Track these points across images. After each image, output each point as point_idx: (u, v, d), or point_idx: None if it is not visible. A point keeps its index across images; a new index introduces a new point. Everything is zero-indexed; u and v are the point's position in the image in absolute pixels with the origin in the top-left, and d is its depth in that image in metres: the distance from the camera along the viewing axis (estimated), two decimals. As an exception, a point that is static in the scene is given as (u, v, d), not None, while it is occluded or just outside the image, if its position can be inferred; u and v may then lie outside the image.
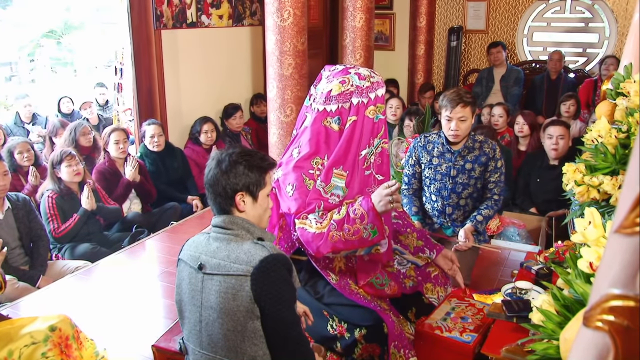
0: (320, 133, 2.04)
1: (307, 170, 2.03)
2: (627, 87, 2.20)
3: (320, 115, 2.04)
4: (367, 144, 2.04)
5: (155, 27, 4.75)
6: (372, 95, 2.03)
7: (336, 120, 2.03)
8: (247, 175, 1.65)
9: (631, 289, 0.59)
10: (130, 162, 4.16)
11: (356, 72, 2.06)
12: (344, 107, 2.02)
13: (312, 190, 2.02)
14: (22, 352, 1.77)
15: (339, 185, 2.02)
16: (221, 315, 1.59)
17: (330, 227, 1.94)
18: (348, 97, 2.01)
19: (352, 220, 1.93)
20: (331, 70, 2.12)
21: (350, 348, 2.00)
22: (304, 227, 1.99)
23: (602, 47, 6.63)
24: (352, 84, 2.02)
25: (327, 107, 2.03)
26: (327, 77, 2.09)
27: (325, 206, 2.01)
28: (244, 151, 1.71)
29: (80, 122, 4.53)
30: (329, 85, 2.05)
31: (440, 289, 2.37)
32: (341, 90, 2.02)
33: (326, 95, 2.03)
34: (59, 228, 3.54)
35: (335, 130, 2.04)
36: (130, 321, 2.60)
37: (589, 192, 1.98)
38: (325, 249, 1.95)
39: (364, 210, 1.93)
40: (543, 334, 1.34)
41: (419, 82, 6.88)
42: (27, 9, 8.17)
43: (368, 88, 2.03)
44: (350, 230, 1.93)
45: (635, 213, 0.58)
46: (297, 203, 2.02)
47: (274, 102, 4.11)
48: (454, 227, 3.08)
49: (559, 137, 3.88)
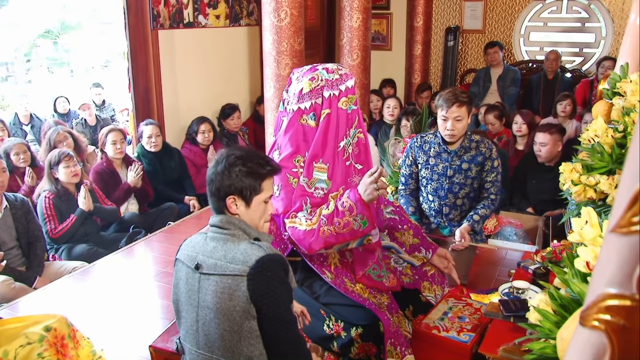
0: (298, 131, 2.06)
1: (291, 169, 2.05)
2: (623, 86, 2.21)
3: (296, 115, 2.06)
4: (344, 134, 2.07)
5: (152, 27, 4.74)
6: (343, 87, 2.05)
7: (312, 117, 2.05)
8: (241, 179, 1.63)
9: (627, 288, 0.59)
10: (135, 168, 4.15)
11: (324, 67, 2.09)
12: (317, 103, 2.04)
13: (297, 187, 2.04)
14: (18, 352, 1.76)
15: (322, 179, 2.04)
16: (218, 315, 1.58)
17: (320, 222, 1.96)
18: (320, 92, 2.04)
19: (341, 214, 1.95)
20: (299, 71, 2.15)
21: (346, 347, 2.01)
22: (294, 225, 2.01)
23: (599, 47, 6.64)
24: (321, 79, 2.05)
25: (301, 106, 2.05)
26: (297, 79, 2.12)
27: (311, 202, 2.03)
28: (246, 154, 1.68)
29: (54, 129, 4.39)
30: (299, 85, 2.07)
31: (437, 288, 2.38)
32: (312, 86, 2.04)
33: (298, 95, 2.06)
34: (55, 229, 3.53)
35: (312, 126, 2.06)
36: (128, 322, 2.60)
37: (585, 192, 1.99)
38: (318, 244, 1.96)
39: (352, 202, 1.95)
40: (540, 334, 1.35)
41: (416, 82, 6.89)
42: (23, 9, 8.15)
43: (337, 80, 2.05)
44: (341, 223, 1.95)
45: (632, 212, 0.58)
46: (284, 203, 2.04)
47: (271, 102, 4.11)
48: (450, 227, 3.09)
49: (540, 144, 3.93)
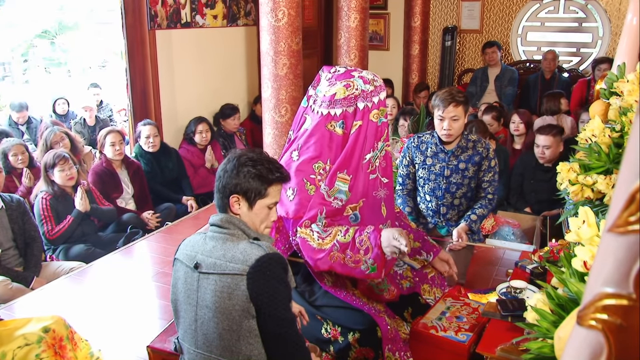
0: (324, 137, 2.03)
1: (309, 174, 2.02)
2: (620, 86, 2.22)
3: (324, 119, 2.03)
4: (372, 147, 2.03)
5: (149, 27, 4.74)
6: (376, 99, 2.02)
7: (340, 125, 2.02)
8: (248, 181, 1.64)
9: (624, 288, 0.59)
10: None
11: (360, 76, 2.05)
12: (348, 112, 2.01)
13: (315, 195, 2.01)
14: (16, 353, 1.76)
15: (342, 189, 2.01)
16: (216, 315, 1.59)
17: (333, 247, 1.94)
18: (353, 101, 2.01)
19: (356, 249, 1.93)
20: (332, 72, 2.10)
21: (344, 352, 2.00)
22: (305, 238, 1.98)
23: (596, 47, 6.66)
24: (357, 87, 2.01)
25: (332, 111, 2.02)
26: (329, 80, 2.08)
27: (327, 211, 2.00)
28: (258, 157, 1.68)
29: (51, 130, 4.35)
30: (332, 88, 2.04)
31: (437, 290, 2.37)
32: (346, 94, 2.01)
33: (330, 99, 2.02)
34: (52, 230, 3.53)
35: (339, 134, 2.02)
36: (125, 322, 2.60)
37: (583, 191, 1.99)
38: (324, 265, 1.96)
39: (371, 245, 1.92)
40: (538, 333, 1.35)
41: (413, 81, 6.89)
42: (20, 8, 8.12)
43: (372, 92, 2.02)
44: (352, 257, 1.93)
45: (629, 212, 0.59)
46: (297, 207, 2.01)
47: (268, 102, 4.11)
48: (448, 227, 3.09)
49: (544, 147, 3.92)
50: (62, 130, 4.45)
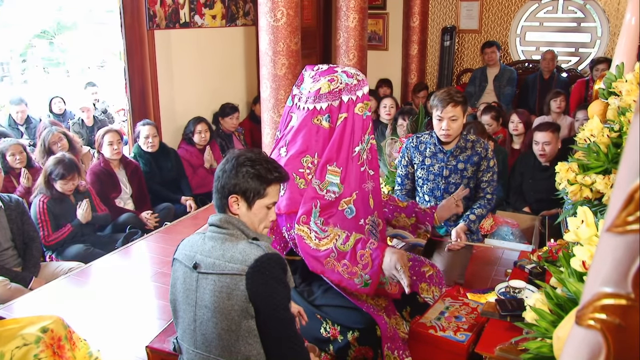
0: (311, 131, 2.06)
1: (297, 169, 2.04)
2: (619, 86, 2.22)
3: (310, 114, 2.06)
4: (360, 140, 2.08)
5: (148, 27, 4.73)
6: (360, 93, 2.07)
7: (326, 118, 2.06)
8: (247, 181, 1.64)
9: (623, 288, 0.59)
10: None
11: (343, 71, 2.11)
12: (333, 105, 2.05)
13: (308, 189, 2.03)
14: (14, 353, 1.76)
15: (334, 182, 2.04)
16: (215, 315, 1.58)
17: (330, 252, 1.95)
18: (338, 95, 2.05)
19: (355, 261, 1.95)
20: (315, 70, 2.15)
21: (343, 351, 2.00)
22: (302, 236, 1.99)
23: (594, 47, 6.66)
24: (341, 81, 2.06)
25: (317, 106, 2.05)
26: (313, 77, 2.12)
27: (321, 204, 2.02)
28: (256, 157, 1.68)
29: (49, 130, 4.35)
30: (316, 84, 2.08)
31: (435, 289, 2.37)
32: (331, 88, 2.05)
33: (315, 94, 2.06)
34: (49, 236, 3.51)
35: (326, 127, 2.06)
36: (124, 322, 2.60)
37: (581, 191, 1.99)
38: (318, 268, 1.98)
39: (371, 261, 1.95)
40: (536, 333, 1.35)
41: (412, 81, 6.89)
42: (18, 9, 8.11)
43: (356, 86, 2.07)
44: (348, 269, 1.95)
45: (627, 212, 0.59)
46: (288, 202, 2.02)
47: (267, 102, 4.11)
48: (447, 227, 3.09)
49: (544, 143, 3.92)
50: (60, 131, 4.45)
